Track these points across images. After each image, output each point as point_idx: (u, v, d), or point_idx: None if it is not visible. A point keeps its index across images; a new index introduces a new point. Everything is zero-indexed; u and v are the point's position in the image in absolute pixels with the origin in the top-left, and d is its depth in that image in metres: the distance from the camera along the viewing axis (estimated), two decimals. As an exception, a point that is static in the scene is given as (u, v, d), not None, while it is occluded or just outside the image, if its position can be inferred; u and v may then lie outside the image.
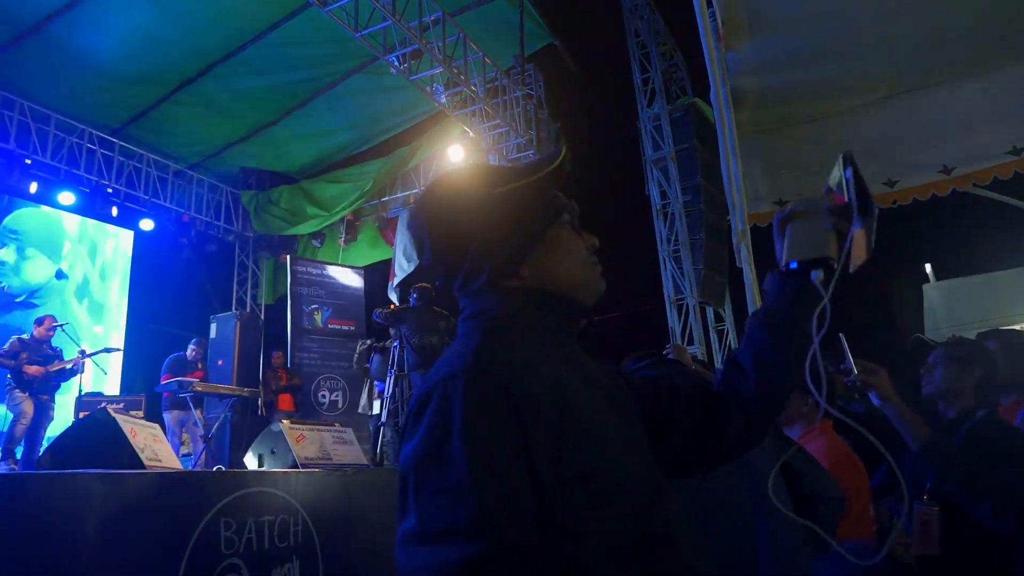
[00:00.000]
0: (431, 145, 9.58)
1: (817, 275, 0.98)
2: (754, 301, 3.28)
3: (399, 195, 10.37)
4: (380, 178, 9.95)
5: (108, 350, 7.03)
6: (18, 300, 8.63)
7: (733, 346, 8.65)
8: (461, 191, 1.00)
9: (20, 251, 8.84)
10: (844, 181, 1.01)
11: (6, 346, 6.31)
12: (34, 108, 8.31)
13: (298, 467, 3.95)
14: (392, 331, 7.24)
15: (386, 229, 10.41)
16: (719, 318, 9.03)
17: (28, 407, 6.14)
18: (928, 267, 7.69)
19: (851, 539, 2.10)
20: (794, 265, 1.00)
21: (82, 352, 6.79)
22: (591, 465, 0.84)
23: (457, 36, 7.64)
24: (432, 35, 7.23)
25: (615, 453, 0.88)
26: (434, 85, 7.81)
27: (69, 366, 6.56)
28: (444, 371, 0.87)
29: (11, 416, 6.22)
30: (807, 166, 4.57)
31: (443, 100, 8.02)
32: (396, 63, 7.22)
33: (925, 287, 7.50)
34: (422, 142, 9.65)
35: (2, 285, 8.58)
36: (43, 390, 6.30)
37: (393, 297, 9.51)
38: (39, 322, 6.58)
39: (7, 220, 8.75)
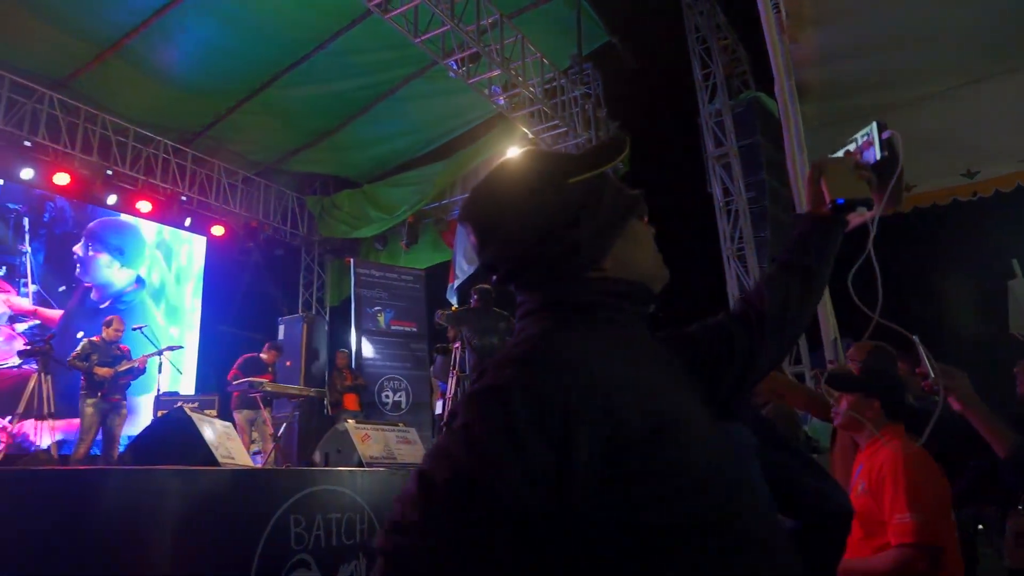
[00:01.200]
0: (490, 147, 9.64)
1: (860, 212, 1.17)
2: (824, 300, 3.18)
3: (459, 197, 10.48)
4: (440, 181, 10.08)
5: (171, 348, 7.30)
6: (102, 306, 9.13)
7: (800, 349, 8.40)
8: (530, 182, 0.97)
9: (105, 258, 9.35)
10: (877, 140, 1.20)
11: (78, 349, 6.58)
12: (115, 122, 8.76)
13: (363, 466, 4.04)
14: (452, 332, 7.32)
15: (446, 231, 10.53)
16: (786, 318, 8.76)
17: (90, 422, 6.38)
18: (1015, 262, 7.27)
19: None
20: (841, 202, 1.15)
21: (159, 352, 7.11)
22: (672, 456, 0.81)
23: (515, 38, 7.67)
24: (490, 38, 7.29)
25: (700, 446, 0.85)
26: (492, 87, 7.86)
27: (136, 366, 6.80)
28: (500, 360, 0.86)
29: (81, 424, 6.49)
30: (877, 158, 4.39)
31: (501, 102, 8.07)
32: (455, 67, 7.31)
33: (1011, 283, 7.09)
34: (481, 144, 9.73)
35: (88, 291, 9.08)
36: (113, 391, 6.55)
37: (453, 299, 9.61)
38: (107, 323, 6.84)
39: (91, 227, 9.27)
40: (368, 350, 9.08)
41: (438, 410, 8.23)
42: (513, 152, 8.82)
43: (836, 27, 3.83)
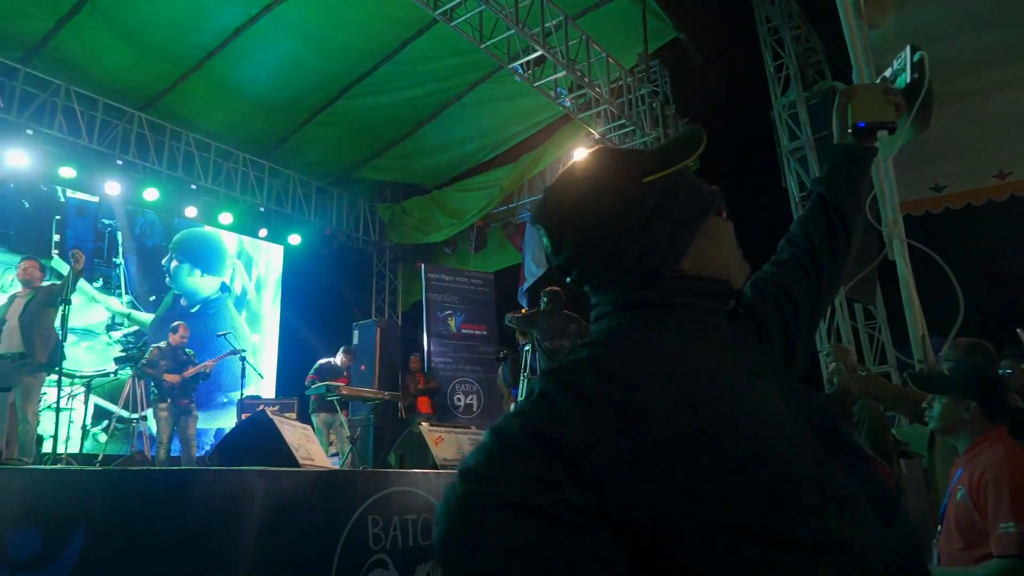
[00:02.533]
0: (556, 149, 9.64)
1: (882, 135, 1.19)
2: (910, 297, 3.02)
3: (526, 200, 10.52)
4: (507, 185, 10.14)
5: (234, 352, 7.55)
6: (193, 311, 9.63)
7: (886, 348, 8.03)
8: (603, 181, 0.95)
9: (191, 268, 9.84)
10: (908, 63, 1.24)
11: (147, 355, 6.86)
12: (198, 138, 9.21)
13: (437, 468, 4.10)
14: (522, 335, 7.34)
15: (514, 235, 10.58)
16: (869, 316, 8.40)
17: (165, 427, 6.67)
18: None
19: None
20: (862, 125, 1.17)
21: (241, 356, 7.41)
22: (747, 453, 0.78)
23: (580, 38, 7.64)
24: (555, 40, 7.28)
25: (780, 443, 0.82)
26: (558, 89, 7.86)
27: (202, 370, 7.05)
28: (578, 345, 0.86)
29: (155, 429, 6.82)
30: (969, 143, 4.16)
31: (567, 103, 8.05)
32: (520, 71, 7.34)
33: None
34: (547, 147, 9.73)
35: (178, 299, 9.57)
36: (182, 395, 6.82)
37: (523, 302, 9.64)
38: (173, 330, 7.13)
39: (177, 239, 9.78)
40: (440, 353, 9.20)
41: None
42: (581, 153, 8.78)
43: (917, 10, 3.65)
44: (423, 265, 9.94)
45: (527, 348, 7.06)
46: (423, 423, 4.97)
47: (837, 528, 0.79)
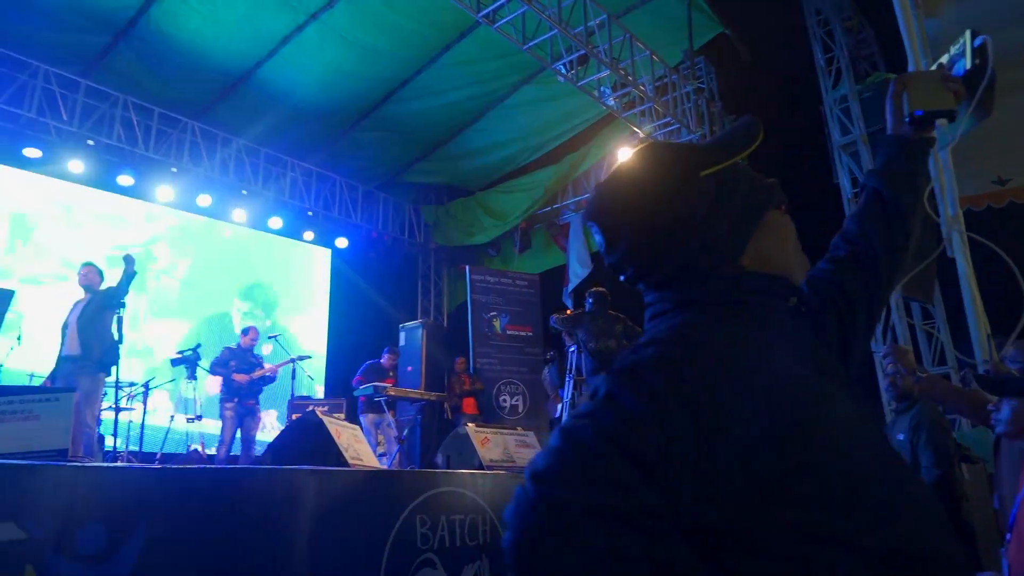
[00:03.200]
0: (600, 149, 9.59)
1: (941, 124, 1.13)
2: (972, 295, 2.91)
3: (570, 201, 10.49)
4: (551, 186, 10.13)
5: (302, 357, 7.73)
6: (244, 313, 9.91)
7: (945, 348, 7.76)
8: (658, 176, 0.93)
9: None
10: (968, 49, 1.19)
11: (218, 355, 7.16)
12: (248, 145, 9.45)
13: (483, 469, 4.11)
14: (567, 336, 7.32)
15: (558, 235, 10.57)
16: (928, 315, 8.13)
17: (230, 426, 6.88)
18: None
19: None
20: (919, 113, 1.12)
21: (290, 361, 7.57)
22: (818, 457, 0.76)
23: (623, 37, 7.59)
24: (598, 39, 7.25)
25: (849, 445, 0.79)
26: (602, 88, 7.82)
27: (268, 373, 7.26)
28: (641, 343, 0.85)
29: (221, 427, 7.04)
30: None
31: (611, 103, 8.01)
32: (563, 71, 7.33)
33: None
34: (591, 147, 9.70)
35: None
36: (248, 396, 7.04)
37: (568, 302, 9.61)
38: (244, 332, 7.38)
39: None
40: (485, 355, 9.25)
41: (556, 414, 8.26)
42: (626, 153, 8.71)
43: (978, -3, 3.51)
44: (468, 267, 10.00)
45: (572, 349, 7.04)
46: (469, 424, 4.99)
47: (908, 535, 0.76)
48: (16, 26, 7.32)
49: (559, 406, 7.77)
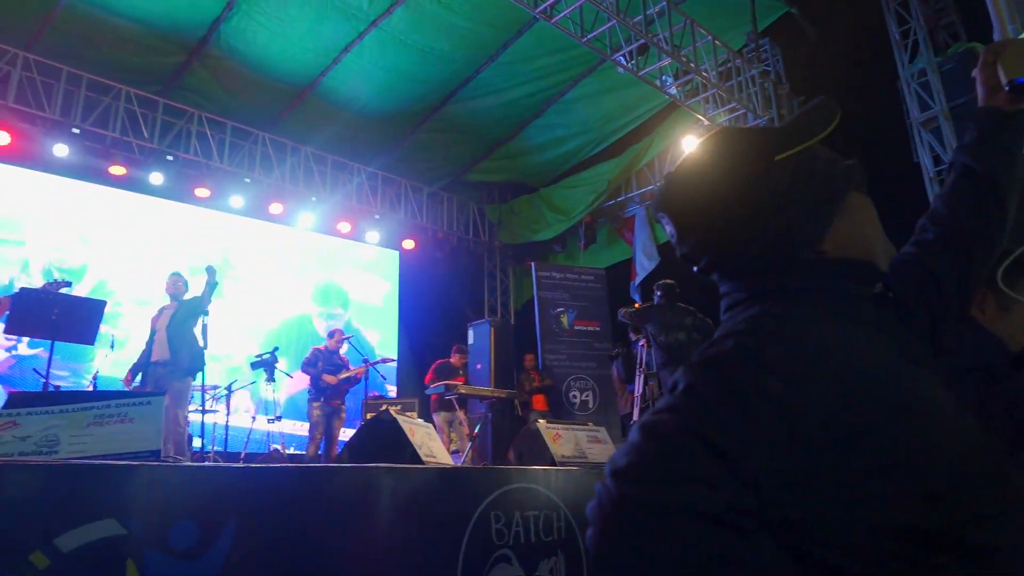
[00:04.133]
0: (663, 139, 9.43)
1: None
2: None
3: (634, 193, 10.37)
4: (615, 179, 10.04)
5: (384, 360, 7.94)
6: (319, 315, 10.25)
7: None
8: (731, 162, 0.90)
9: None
10: None
11: (308, 355, 7.45)
12: (316, 153, 9.73)
13: (555, 465, 4.11)
14: (635, 331, 7.24)
15: (623, 229, 10.46)
16: None
17: (318, 424, 7.10)
18: None
19: None
20: (1020, 81, 1.04)
21: (365, 362, 7.76)
22: (910, 449, 0.72)
23: (684, 23, 7.44)
24: (658, 27, 7.13)
25: (943, 437, 0.76)
26: (663, 77, 7.69)
27: (354, 375, 7.48)
28: (721, 335, 0.83)
29: (309, 426, 7.28)
30: None
31: (673, 91, 7.87)
32: (623, 61, 7.24)
33: None
34: (654, 137, 9.55)
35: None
36: (335, 396, 7.28)
37: (636, 297, 9.51)
38: (331, 335, 7.66)
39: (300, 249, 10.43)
40: (553, 351, 9.25)
41: (624, 410, 8.19)
42: (691, 142, 8.54)
43: (1070, -46, 3.27)
44: (533, 263, 10.02)
45: (641, 344, 6.96)
46: (540, 420, 5.00)
47: (1012, 535, 0.71)
48: (100, 53, 7.76)
49: (627, 401, 7.70)
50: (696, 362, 0.80)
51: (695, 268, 0.95)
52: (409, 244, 11.08)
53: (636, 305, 6.96)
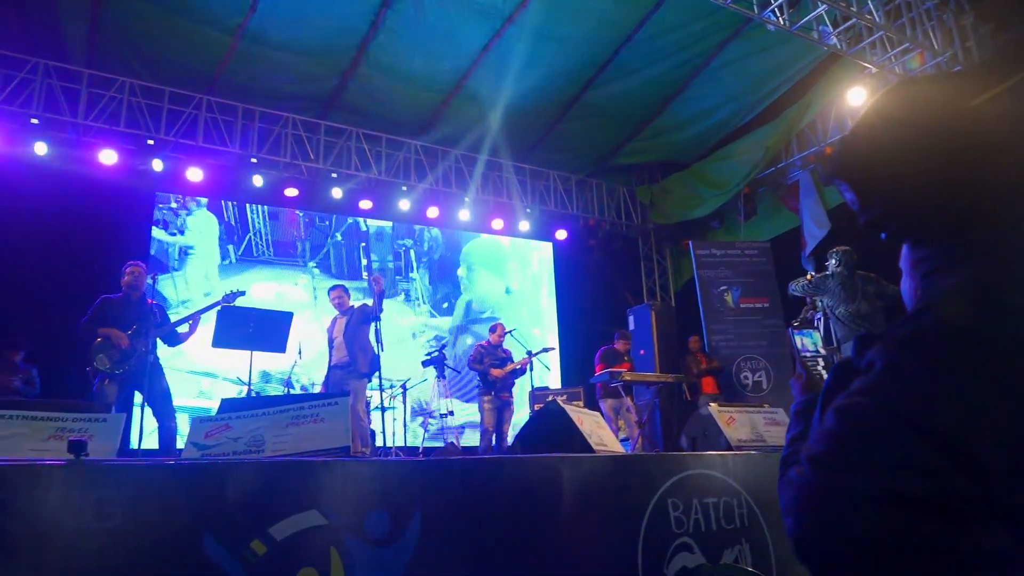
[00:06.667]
0: (824, 95, 8.75)
1: None
2: None
3: (796, 158, 9.73)
4: (772, 145, 9.47)
5: (546, 350, 8.06)
6: (483, 315, 10.61)
7: None
8: (919, 115, 0.82)
9: (475, 274, 10.84)
10: None
11: (472, 353, 7.77)
12: (465, 155, 10.07)
13: (731, 449, 3.98)
14: (810, 304, 6.80)
15: (787, 197, 9.86)
16: None
17: (489, 418, 7.37)
18: None
19: None
20: None
21: (529, 353, 7.93)
22: None
23: (838, -35, 6.86)
24: (808, -26, 6.63)
25: None
26: (819, 28, 7.13)
27: (519, 367, 7.69)
28: (919, 309, 0.75)
29: (481, 420, 7.58)
30: None
31: (833, 41, 7.28)
32: (773, 17, 6.81)
33: None
34: (814, 95, 8.88)
35: (470, 303, 10.61)
36: (503, 389, 7.53)
37: (809, 267, 8.94)
38: (492, 329, 7.93)
39: (465, 250, 10.88)
40: (719, 331, 8.94)
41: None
42: (857, 95, 7.85)
43: None
44: (691, 242, 9.72)
45: (818, 317, 6.53)
46: (711, 404, 4.86)
47: None
48: (264, 85, 8.55)
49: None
50: (896, 337, 0.73)
51: (882, 235, 0.88)
52: (561, 234, 11.16)
53: (808, 276, 6.52)
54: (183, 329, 5.66)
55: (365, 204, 9.58)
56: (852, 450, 0.67)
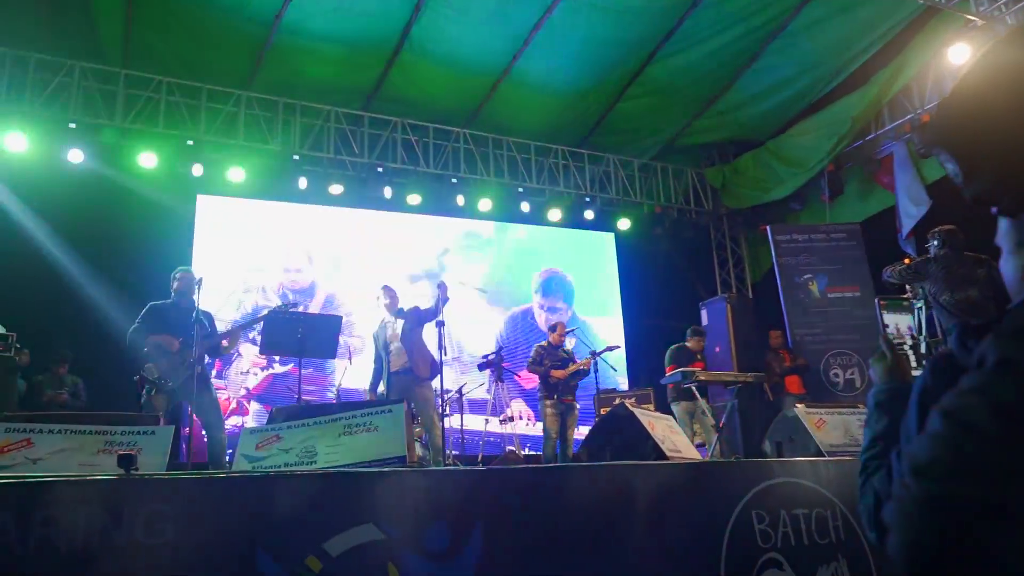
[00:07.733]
0: (919, 56, 8.41)
1: None
2: None
3: (888, 128, 9.38)
4: (860, 115, 9.16)
5: (610, 348, 7.98)
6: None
7: None
8: None
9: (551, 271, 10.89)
10: None
11: (532, 355, 7.73)
12: (517, 142, 10.08)
13: (823, 455, 3.87)
14: (909, 291, 6.56)
15: (879, 172, 9.52)
16: None
17: (552, 423, 7.35)
18: None
19: None
20: None
21: (592, 352, 7.88)
22: None
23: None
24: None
25: None
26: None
27: (583, 367, 7.63)
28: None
29: (543, 426, 7.57)
30: None
31: (926, -5, 6.99)
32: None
33: None
34: (907, 55, 8.54)
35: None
36: (565, 392, 7.47)
37: (908, 249, 8.62)
38: (552, 328, 7.87)
39: (521, 243, 10.91)
40: (804, 324, 8.71)
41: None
42: (960, 51, 7.51)
43: None
44: (768, 227, 9.49)
45: (918, 306, 6.28)
46: (797, 405, 4.74)
47: None
48: (306, 80, 8.74)
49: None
50: (1010, 331, 0.70)
51: (993, 210, 0.84)
52: (624, 224, 11.05)
53: (907, 260, 6.27)
54: (225, 344, 5.80)
55: (414, 199, 9.69)
56: (958, 457, 0.65)
